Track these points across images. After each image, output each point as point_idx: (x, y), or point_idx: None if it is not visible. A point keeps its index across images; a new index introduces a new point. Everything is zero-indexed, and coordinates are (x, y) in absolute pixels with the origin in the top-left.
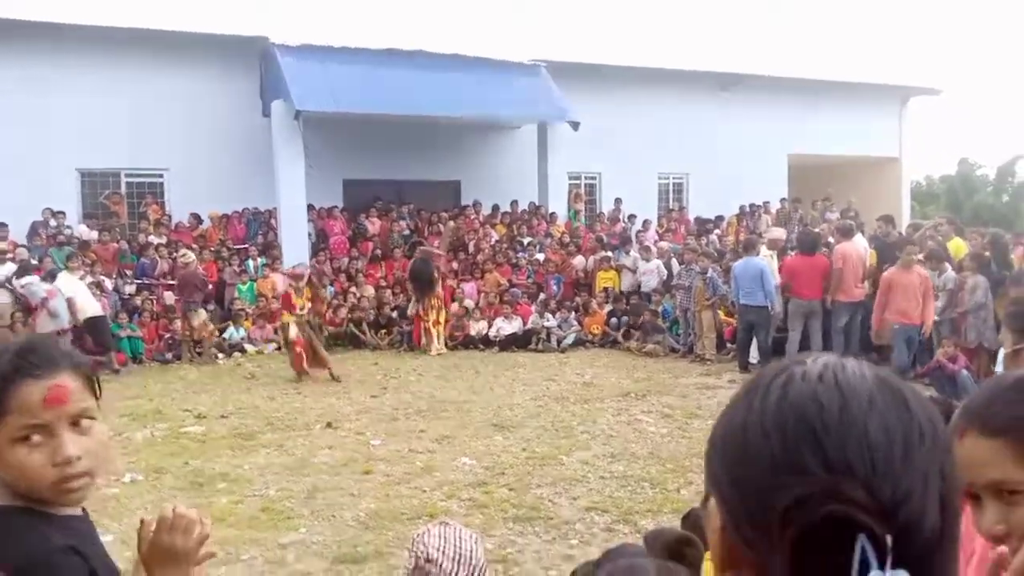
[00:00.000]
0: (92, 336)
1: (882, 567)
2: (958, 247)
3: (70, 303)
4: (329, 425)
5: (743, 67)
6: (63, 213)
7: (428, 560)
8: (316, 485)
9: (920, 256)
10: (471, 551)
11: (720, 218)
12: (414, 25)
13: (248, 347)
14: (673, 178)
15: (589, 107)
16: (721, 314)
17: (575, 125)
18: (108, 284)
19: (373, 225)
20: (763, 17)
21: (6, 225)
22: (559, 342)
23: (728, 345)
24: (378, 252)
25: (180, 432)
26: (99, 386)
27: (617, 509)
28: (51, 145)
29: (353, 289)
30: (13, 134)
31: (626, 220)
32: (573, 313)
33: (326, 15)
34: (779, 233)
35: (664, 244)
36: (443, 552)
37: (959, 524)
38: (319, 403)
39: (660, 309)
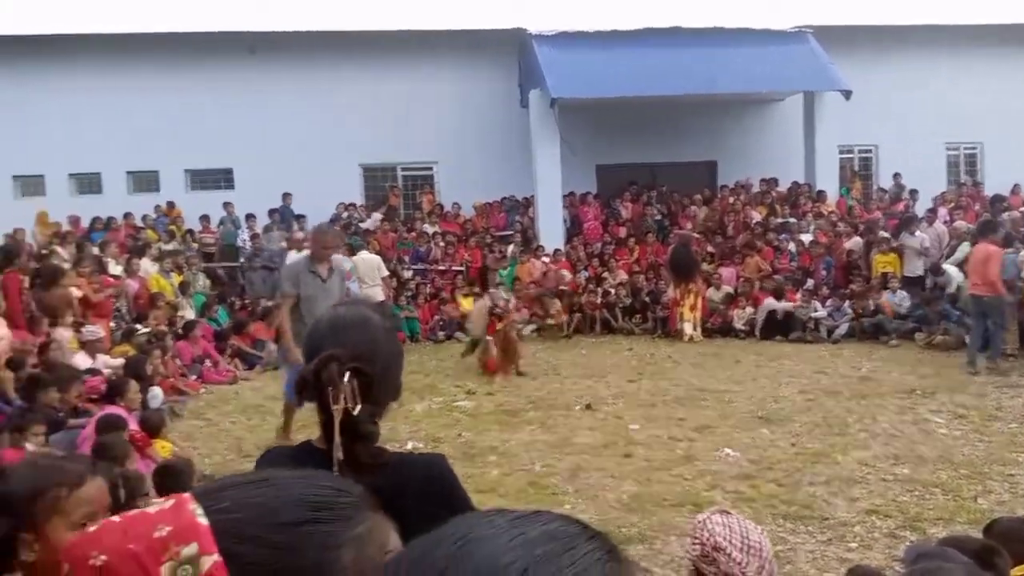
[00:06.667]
0: None
1: None
2: None
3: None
4: (588, 407)
5: None
6: (354, 205)
7: (716, 548)
8: (579, 464)
9: None
10: (760, 543)
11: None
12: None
13: None
14: (964, 148)
15: (863, 73)
16: None
17: (847, 94)
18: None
19: (626, 209)
20: None
21: (304, 216)
22: (830, 332)
23: None
24: (631, 238)
25: (453, 406)
26: None
27: (902, 515)
28: (338, 144)
29: (607, 275)
30: (306, 136)
31: (907, 196)
32: (847, 301)
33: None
34: None
35: (960, 224)
36: (730, 541)
37: None
38: (577, 385)
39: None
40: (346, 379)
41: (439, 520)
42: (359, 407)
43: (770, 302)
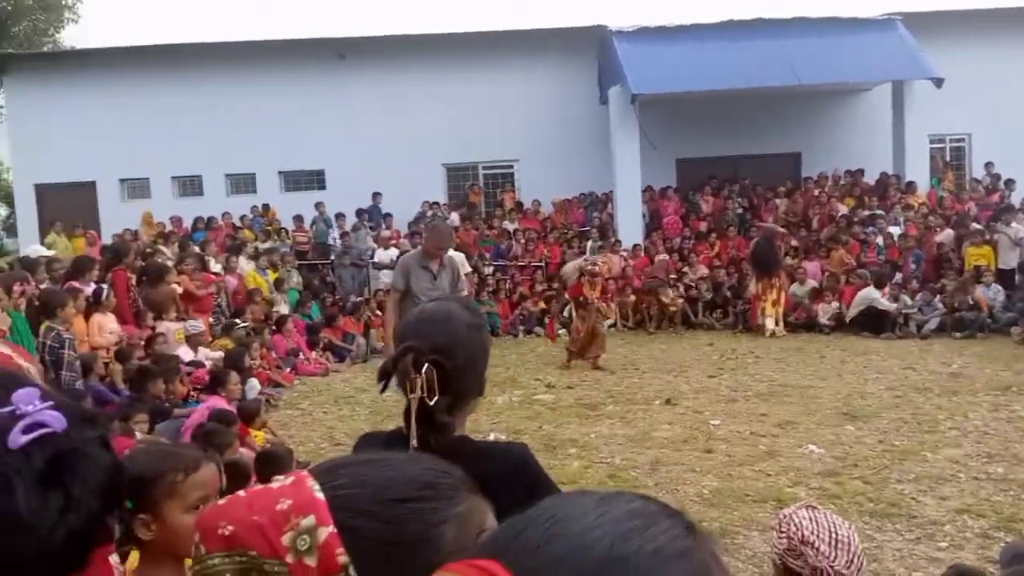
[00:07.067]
0: None
1: None
2: None
3: None
4: (668, 402)
5: None
6: (437, 204)
7: (803, 542)
8: (658, 458)
9: None
10: (848, 537)
11: None
12: None
13: None
14: None
15: (954, 60)
16: None
17: (938, 82)
18: (468, 267)
19: (707, 203)
20: None
21: (391, 215)
22: (919, 327)
23: None
24: (711, 232)
25: (533, 399)
26: None
27: (996, 515)
28: (422, 145)
29: (687, 269)
30: (392, 137)
31: (1003, 186)
32: (937, 295)
33: None
34: None
35: None
36: (818, 535)
37: None
38: (656, 380)
39: None
40: (424, 371)
41: (525, 507)
42: (436, 398)
43: (870, 293)
